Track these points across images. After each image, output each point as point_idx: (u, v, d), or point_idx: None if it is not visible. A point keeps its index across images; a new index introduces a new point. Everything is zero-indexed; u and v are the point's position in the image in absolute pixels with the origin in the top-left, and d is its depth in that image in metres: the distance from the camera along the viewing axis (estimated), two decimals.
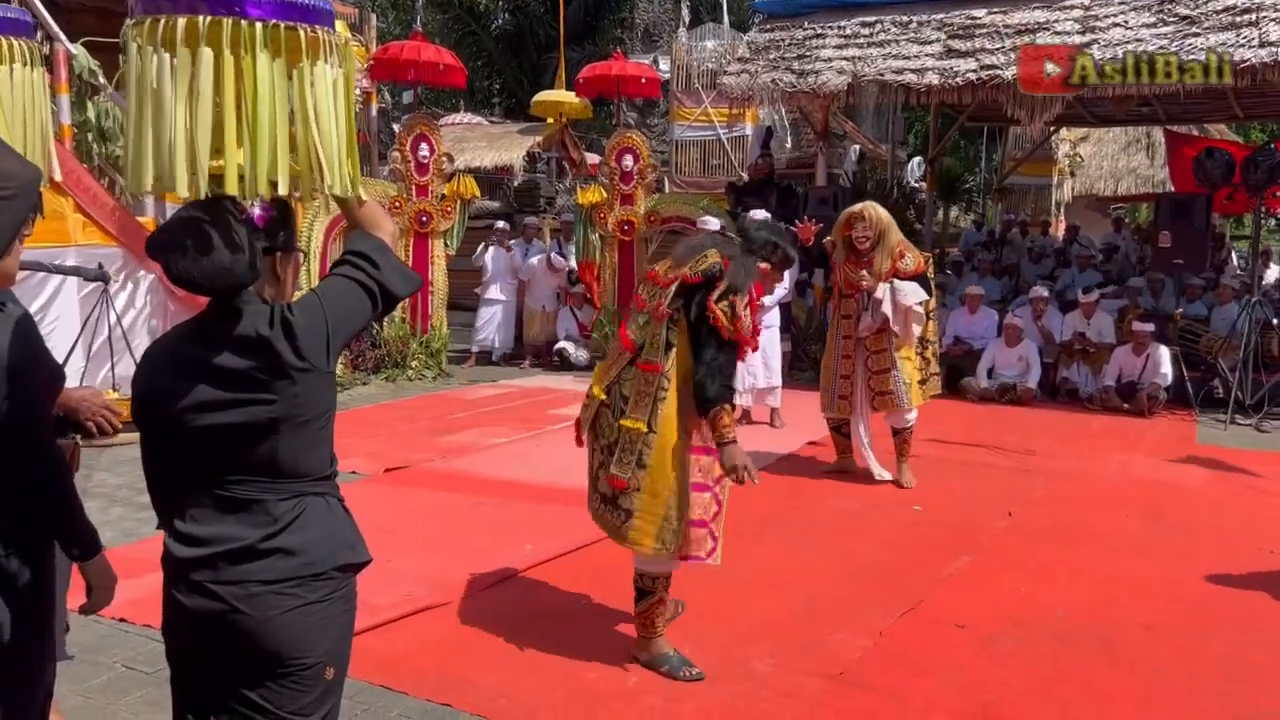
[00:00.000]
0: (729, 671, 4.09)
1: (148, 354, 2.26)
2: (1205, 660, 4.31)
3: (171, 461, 2.20)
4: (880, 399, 7.03)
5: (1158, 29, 9.94)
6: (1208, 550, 5.74)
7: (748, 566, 5.37)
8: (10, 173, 1.72)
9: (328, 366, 2.19)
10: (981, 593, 5.06)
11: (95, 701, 3.76)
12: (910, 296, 6.72)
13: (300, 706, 2.19)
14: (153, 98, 2.06)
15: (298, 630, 2.15)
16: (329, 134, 2.15)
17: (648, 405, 4.00)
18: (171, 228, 2.09)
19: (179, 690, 2.29)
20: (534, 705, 3.79)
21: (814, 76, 11.23)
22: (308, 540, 2.18)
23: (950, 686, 4.01)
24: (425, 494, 6.70)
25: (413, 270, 2.41)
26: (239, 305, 2.13)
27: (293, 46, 2.09)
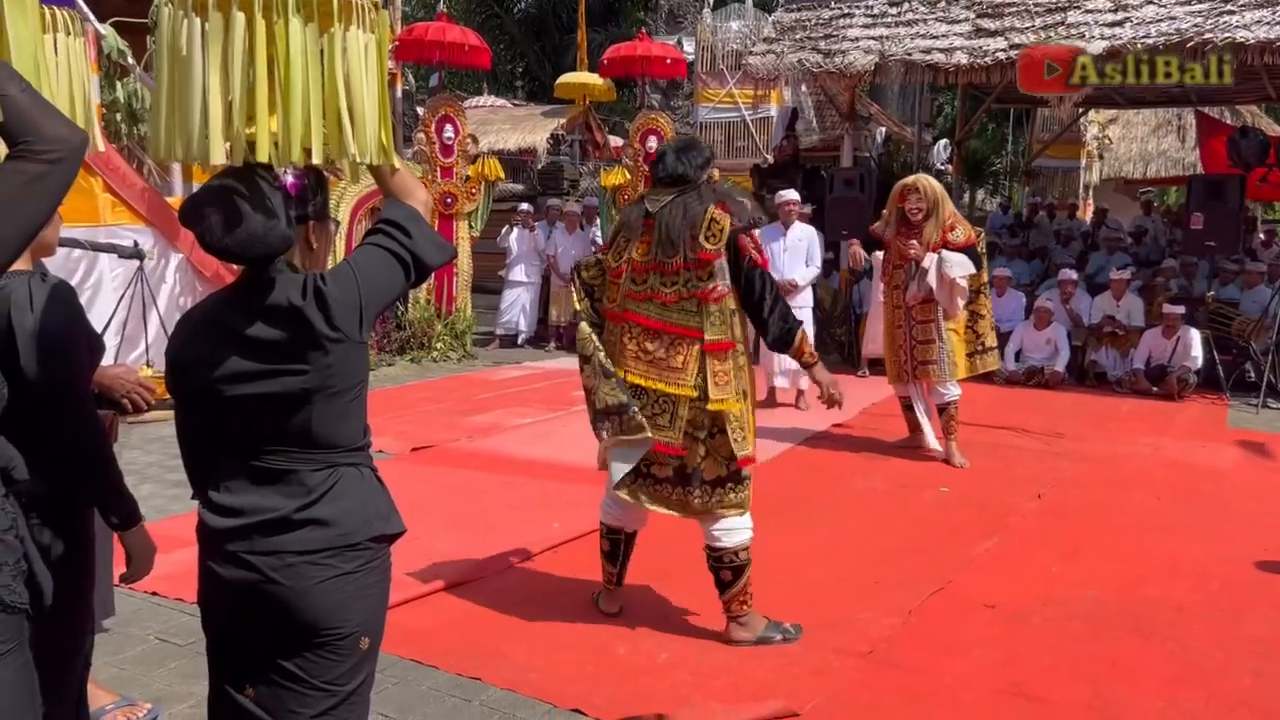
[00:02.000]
0: (758, 649, 4.09)
1: (182, 322, 2.25)
2: (1238, 641, 4.27)
3: (205, 432, 2.19)
4: (922, 368, 7.05)
5: (1191, 6, 9.82)
6: (1239, 532, 5.69)
7: (775, 545, 5.34)
8: (60, 136, 1.71)
9: (360, 336, 2.17)
10: (1011, 573, 5.03)
11: (129, 672, 3.79)
12: (956, 269, 6.70)
13: (335, 676, 2.18)
14: (183, 64, 2.04)
15: (333, 600, 2.15)
16: (360, 100, 2.12)
17: (732, 380, 4.01)
18: (204, 196, 2.07)
19: (215, 660, 2.29)
20: (564, 680, 3.80)
21: (840, 57, 11.16)
22: (342, 511, 2.17)
23: (981, 665, 3.99)
24: (452, 473, 6.72)
25: (445, 240, 2.39)
26: (272, 274, 2.11)
27: (324, 11, 2.07)
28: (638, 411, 3.97)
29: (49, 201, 1.72)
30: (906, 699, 3.71)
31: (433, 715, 3.56)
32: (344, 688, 2.21)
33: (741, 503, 4.14)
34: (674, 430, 4.00)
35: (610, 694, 3.68)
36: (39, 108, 1.71)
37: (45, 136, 1.69)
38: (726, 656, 4.02)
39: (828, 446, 7.68)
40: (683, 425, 4.00)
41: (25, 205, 1.69)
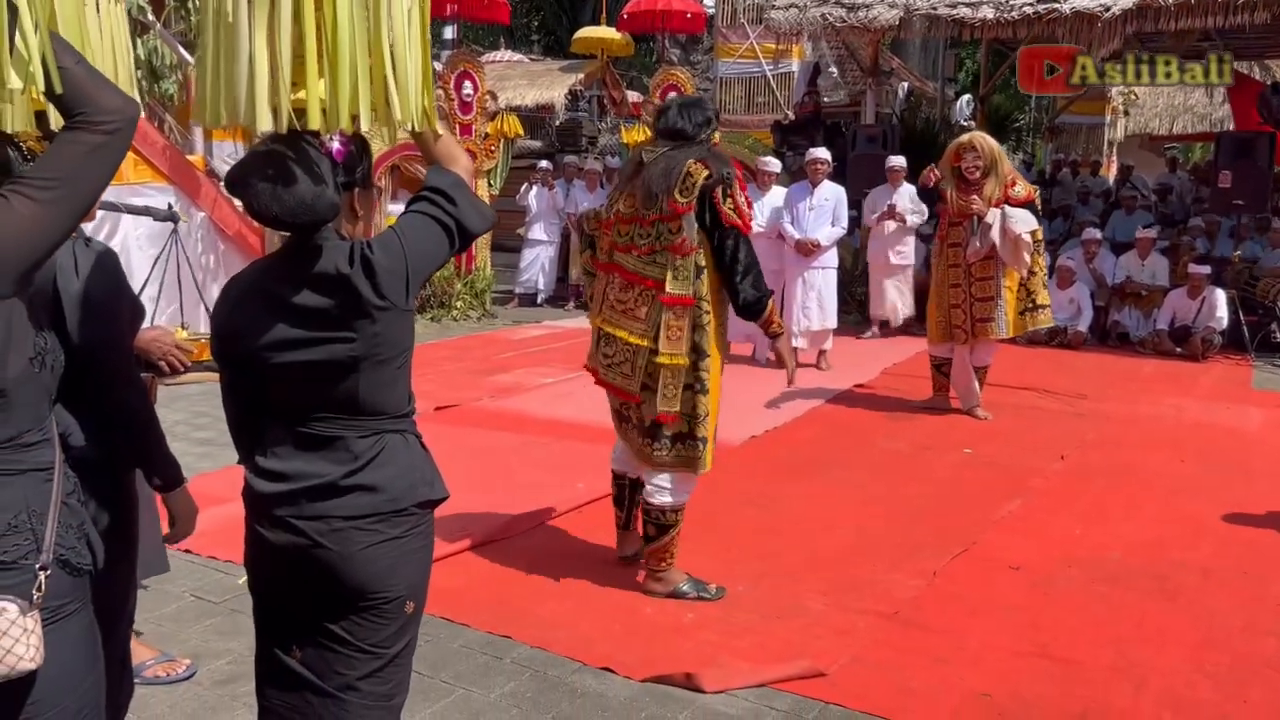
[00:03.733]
0: (783, 609, 4.13)
1: (227, 290, 2.26)
2: (1263, 603, 4.29)
3: (252, 398, 2.21)
4: (981, 326, 7.05)
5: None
6: (1264, 494, 5.68)
7: (798, 506, 5.41)
8: (116, 107, 1.72)
9: (407, 304, 2.18)
10: (1035, 534, 5.05)
11: (167, 629, 3.85)
12: (1021, 224, 6.72)
13: (381, 639, 2.22)
14: (229, 30, 2.03)
15: (380, 565, 2.18)
16: (404, 65, 2.12)
17: (685, 337, 4.03)
18: (252, 162, 2.08)
19: (262, 622, 2.32)
20: (591, 638, 3.84)
21: (865, 11, 11.02)
22: (388, 477, 2.20)
23: (1006, 626, 4.02)
24: (476, 432, 6.76)
25: (488, 206, 2.40)
26: (318, 242, 2.12)
27: None
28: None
29: (107, 170, 1.74)
30: (931, 660, 3.74)
31: (465, 672, 3.61)
32: (389, 650, 2.24)
33: (687, 463, 4.13)
34: (634, 379, 4.11)
35: (638, 653, 3.73)
36: (94, 79, 1.72)
37: (102, 108, 1.70)
38: (751, 617, 4.05)
39: (850, 406, 7.70)
40: (640, 375, 4.10)
41: (86, 174, 1.71)
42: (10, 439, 1.74)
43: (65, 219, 1.70)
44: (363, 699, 2.23)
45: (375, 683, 2.24)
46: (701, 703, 3.43)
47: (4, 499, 1.73)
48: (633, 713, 3.38)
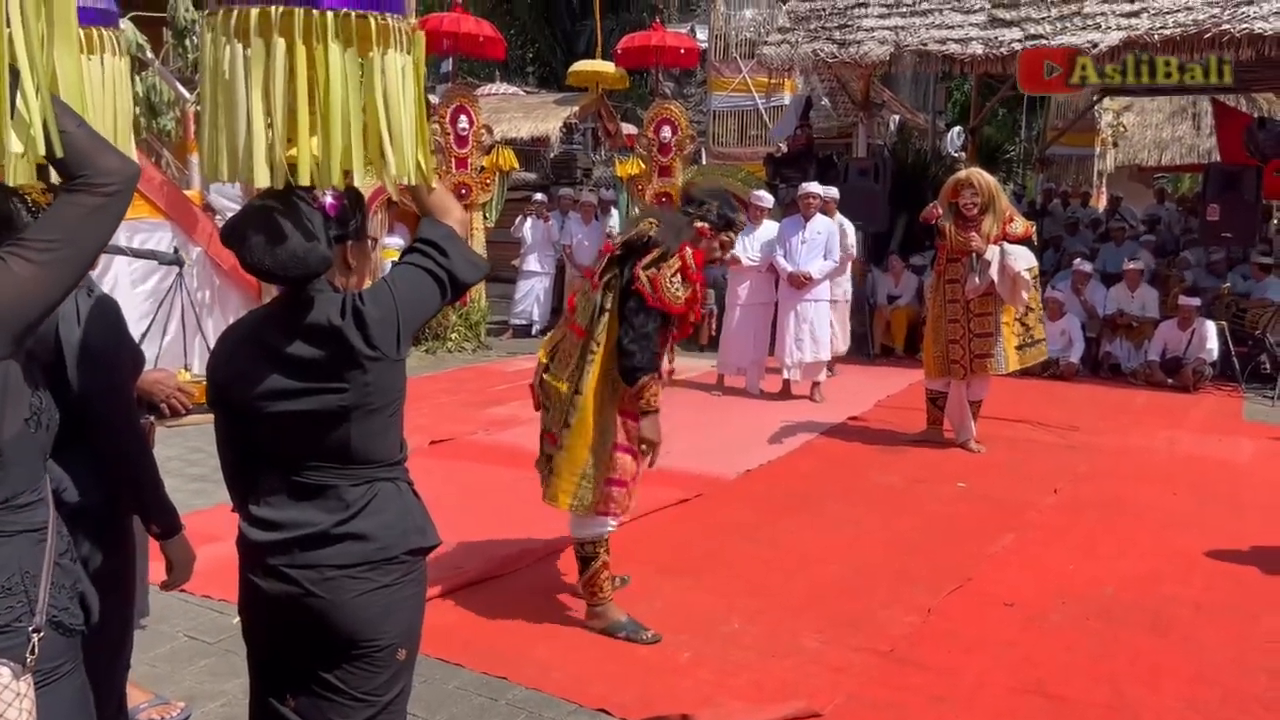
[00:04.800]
0: (779, 646, 4.11)
1: (223, 340, 2.28)
2: (1253, 639, 4.28)
3: (245, 447, 2.23)
4: (979, 362, 7.07)
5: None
6: (1256, 528, 5.69)
7: (793, 540, 5.40)
8: (115, 169, 1.74)
9: (398, 355, 2.20)
10: (1029, 569, 5.04)
11: (160, 670, 3.83)
12: (1020, 261, 6.77)
13: (374, 687, 2.22)
14: (227, 89, 2.06)
15: (371, 613, 2.18)
16: (398, 121, 2.15)
17: (572, 367, 4.06)
18: (245, 217, 2.10)
19: (257, 670, 2.32)
20: (587, 678, 3.83)
21: (856, 47, 11.11)
22: (379, 525, 2.21)
23: (1001, 663, 4.01)
24: (471, 467, 6.76)
25: (481, 257, 2.42)
26: (311, 294, 2.14)
27: (363, 35, 2.08)
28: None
29: (107, 230, 1.76)
30: (927, 698, 3.73)
31: (460, 714, 3.60)
32: (382, 698, 2.24)
33: (584, 504, 4.10)
34: (552, 413, 4.16)
35: (634, 693, 3.71)
36: (94, 142, 1.74)
37: (102, 170, 1.72)
38: (747, 655, 4.04)
39: (844, 439, 7.70)
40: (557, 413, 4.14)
41: (86, 235, 1.73)
42: (4, 501, 1.74)
43: (65, 279, 1.72)
44: None
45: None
46: None
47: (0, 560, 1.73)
48: None
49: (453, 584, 4.63)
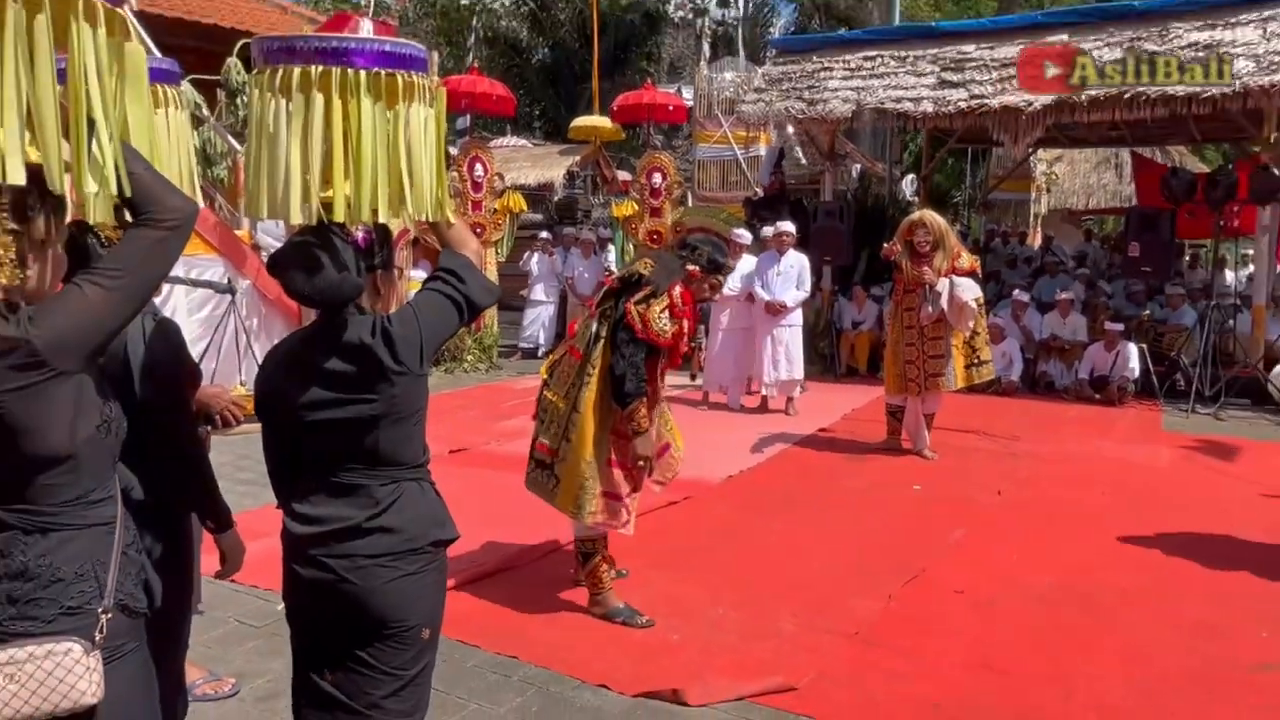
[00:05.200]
0: (758, 630, 4.10)
1: (268, 357, 2.29)
2: (1176, 621, 4.28)
3: (289, 451, 2.23)
4: (932, 380, 7.08)
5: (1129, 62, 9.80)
6: (1174, 524, 5.68)
7: (772, 537, 5.40)
8: (177, 206, 1.75)
9: (421, 370, 2.21)
10: (977, 561, 5.04)
11: (214, 650, 3.82)
12: (967, 291, 6.80)
13: (401, 663, 2.21)
14: (270, 138, 2.07)
15: (398, 598, 2.18)
16: (420, 166, 2.16)
17: (569, 385, 4.04)
18: (288, 251, 2.11)
19: (298, 649, 2.31)
20: (589, 658, 3.81)
21: (822, 105, 11.17)
22: (405, 520, 2.20)
23: (953, 643, 4.00)
24: (485, 473, 6.72)
25: (494, 284, 2.43)
26: (345, 317, 2.15)
27: (391, 91, 2.09)
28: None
29: (169, 260, 1.77)
30: (889, 674, 3.72)
31: (477, 689, 3.58)
32: (408, 672, 2.23)
33: (549, 495, 4.13)
34: (549, 430, 4.13)
35: (631, 671, 3.70)
36: (159, 182, 1.75)
37: (165, 207, 1.73)
38: (730, 638, 4.03)
39: (815, 448, 7.69)
40: (554, 431, 4.11)
41: (150, 264, 1.73)
42: (78, 497, 1.73)
43: (131, 302, 1.72)
44: (387, 716, 2.22)
45: (397, 701, 2.23)
46: (686, 715, 3.40)
47: (72, 551, 1.72)
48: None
49: (470, 575, 4.61)
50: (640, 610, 4.17)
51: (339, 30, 2.10)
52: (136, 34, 1.76)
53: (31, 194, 1.61)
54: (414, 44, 2.13)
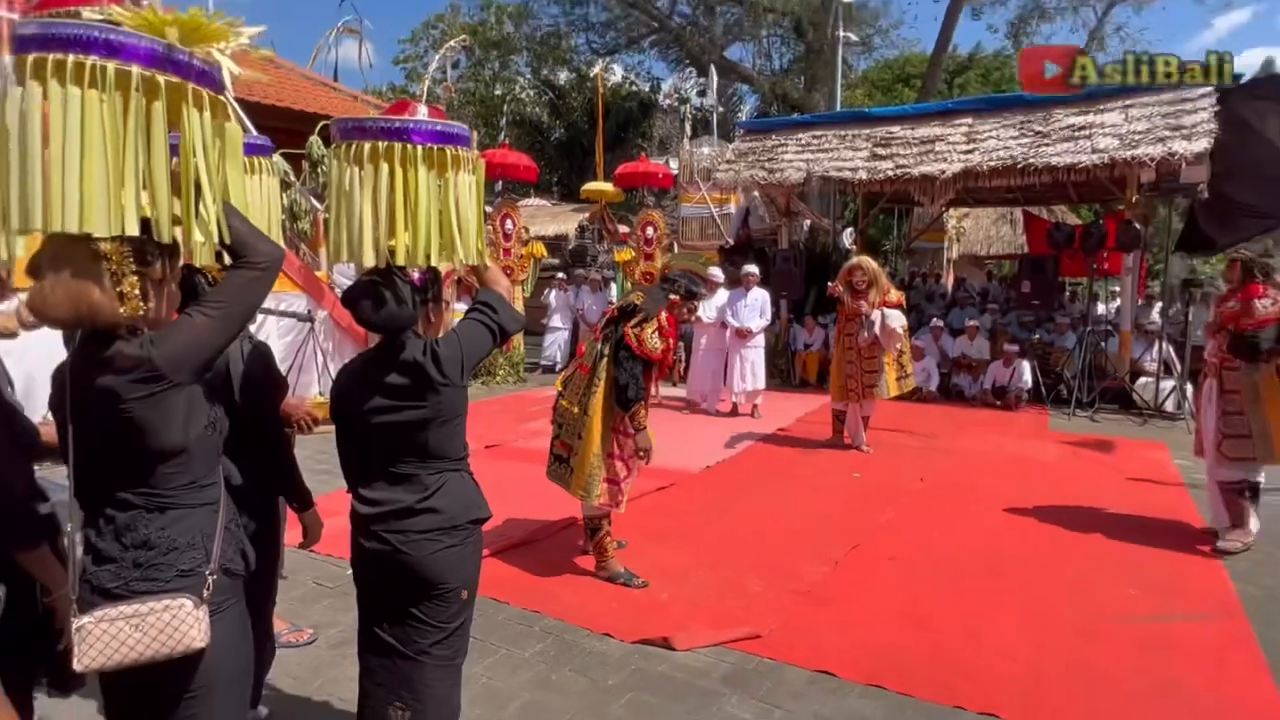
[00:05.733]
0: (732, 590, 4.08)
1: (341, 372, 2.28)
2: (1060, 581, 4.27)
3: (357, 447, 2.21)
4: (868, 389, 7.06)
5: (1021, 140, 9.87)
6: (1059, 503, 5.67)
7: (741, 515, 5.36)
8: (267, 252, 1.74)
9: (462, 382, 2.20)
10: (904, 535, 5.01)
11: (295, 607, 3.79)
12: (894, 320, 6.82)
13: (445, 618, 2.20)
14: (347, 198, 2.07)
15: (442, 565, 2.16)
16: (466, 222, 2.16)
17: (580, 394, 4.02)
18: (359, 287, 2.11)
19: (363, 606, 2.29)
20: (597, 612, 3.79)
21: (779, 173, 11.21)
22: (448, 502, 2.19)
23: (886, 599, 3.98)
24: (514, 464, 6.71)
25: (520, 314, 2.42)
26: (403, 340, 2.15)
27: (442, 162, 2.11)
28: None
29: (261, 295, 1.76)
30: (833, 624, 3.70)
31: (507, 637, 3.55)
32: (450, 625, 2.22)
33: (565, 483, 4.07)
34: (564, 429, 4.10)
35: (630, 622, 3.68)
36: (253, 233, 1.74)
37: (259, 252, 1.73)
38: (708, 596, 3.99)
39: (776, 444, 7.66)
40: (569, 431, 4.08)
41: (246, 298, 1.73)
42: (190, 482, 1.72)
43: (231, 329, 1.71)
44: (434, 660, 2.21)
45: (442, 648, 2.21)
46: (674, 658, 3.38)
47: (185, 525, 1.71)
48: (625, 665, 3.32)
49: (501, 546, 4.58)
50: (636, 574, 4.15)
51: (400, 113, 2.11)
52: (235, 116, 1.75)
53: (150, 243, 1.61)
54: (459, 125, 2.14)
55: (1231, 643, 3.57)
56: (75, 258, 1.54)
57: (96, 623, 1.60)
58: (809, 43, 18.84)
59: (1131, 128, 9.27)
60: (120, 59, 1.46)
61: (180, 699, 1.70)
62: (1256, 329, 4.59)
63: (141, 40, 1.48)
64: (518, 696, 3.08)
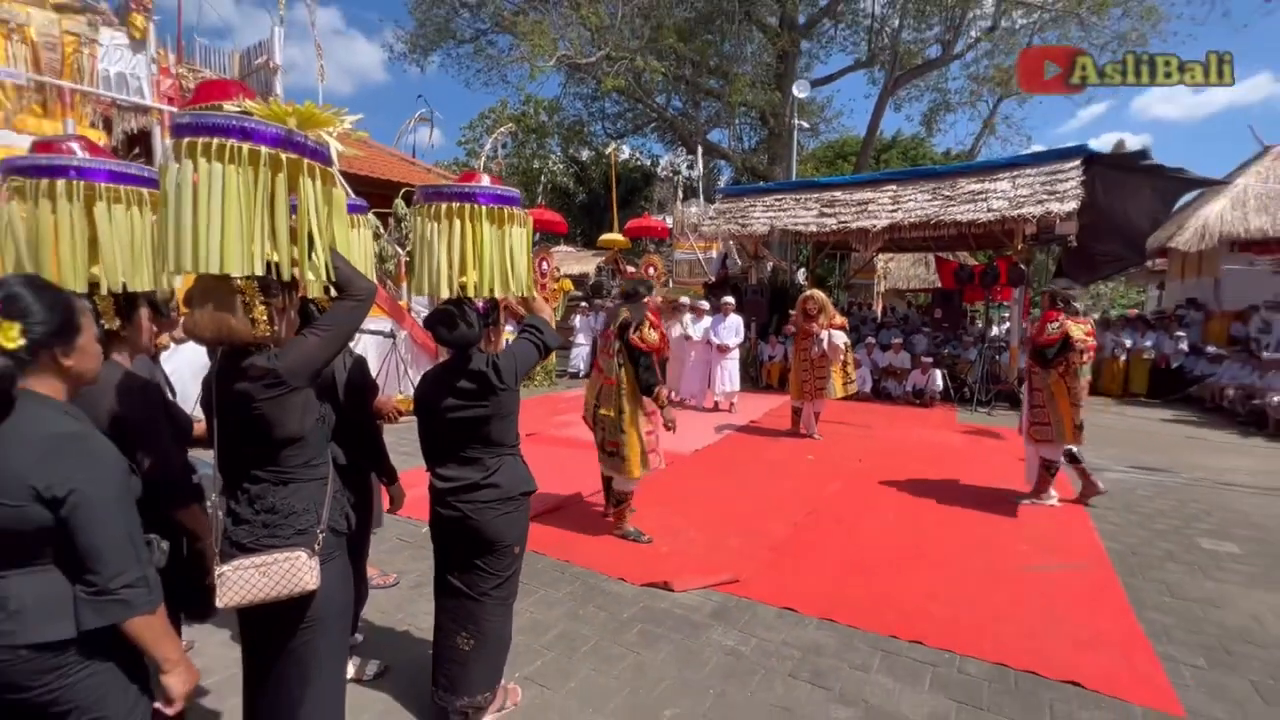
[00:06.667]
0: (717, 546, 4.01)
1: (423, 378, 2.25)
2: (968, 538, 4.19)
3: (435, 436, 2.19)
4: (818, 391, 7.01)
5: (933, 202, 9.84)
6: (965, 478, 5.59)
7: (722, 488, 5.30)
8: (364, 287, 1.73)
9: (515, 387, 2.17)
10: (849, 502, 4.94)
11: (384, 558, 3.74)
12: (838, 338, 6.82)
13: (501, 568, 2.17)
14: (428, 246, 2.06)
15: (500, 527, 2.14)
16: (520, 263, 2.14)
17: (613, 401, 3.93)
18: (437, 313, 2.09)
19: (438, 560, 2.26)
20: (613, 562, 3.74)
21: (750, 226, 11.20)
22: (505, 479, 2.17)
23: (836, 551, 3.93)
24: (548, 448, 6.65)
25: (557, 334, 2.40)
26: (470, 354, 2.12)
27: (501, 218, 2.09)
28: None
29: (360, 320, 1.74)
30: (795, 571, 3.65)
31: (544, 580, 3.51)
32: (506, 574, 2.19)
33: (618, 469, 3.96)
34: (606, 431, 3.98)
35: (639, 570, 3.63)
36: (353, 272, 1.72)
37: (358, 287, 1.71)
38: (699, 549, 3.93)
39: (748, 433, 7.59)
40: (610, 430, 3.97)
41: (347, 322, 1.71)
42: (305, 462, 1.70)
43: (336, 345, 1.69)
44: (493, 600, 2.18)
45: (499, 591, 2.18)
46: (673, 598, 3.34)
47: (301, 495, 1.68)
48: (636, 603, 3.28)
49: (539, 511, 4.52)
50: (644, 532, 4.10)
51: (469, 181, 2.09)
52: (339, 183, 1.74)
53: (274, 280, 1.60)
54: (514, 190, 2.12)
55: (1100, 587, 3.52)
56: (218, 292, 1.53)
57: (234, 570, 1.58)
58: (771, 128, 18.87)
59: (1018, 192, 9.23)
60: (252, 141, 1.46)
61: (298, 628, 1.67)
62: (1046, 345, 4.62)
63: (268, 127, 1.48)
64: (554, 626, 3.03)
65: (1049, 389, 4.70)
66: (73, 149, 1.71)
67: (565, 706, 2.41)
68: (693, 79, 18.87)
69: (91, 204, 1.71)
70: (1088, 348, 4.54)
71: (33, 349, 1.29)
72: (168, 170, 1.45)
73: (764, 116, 19.20)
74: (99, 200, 1.71)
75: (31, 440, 1.24)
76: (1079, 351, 4.53)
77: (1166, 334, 10.94)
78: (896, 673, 2.70)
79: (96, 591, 1.27)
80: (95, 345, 1.41)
